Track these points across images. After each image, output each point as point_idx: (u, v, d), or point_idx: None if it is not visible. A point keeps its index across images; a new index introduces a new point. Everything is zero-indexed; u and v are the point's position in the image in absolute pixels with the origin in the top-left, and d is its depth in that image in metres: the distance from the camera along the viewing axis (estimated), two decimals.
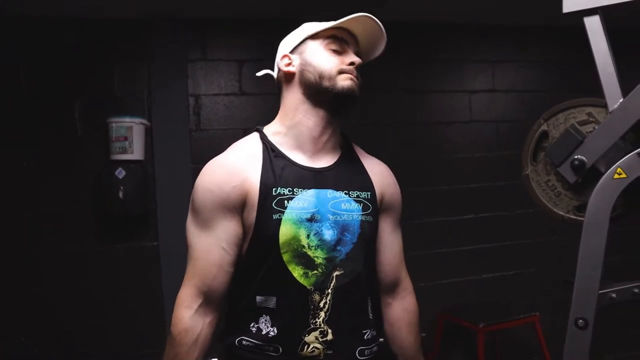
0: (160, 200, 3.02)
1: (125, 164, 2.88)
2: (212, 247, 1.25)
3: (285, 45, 1.38)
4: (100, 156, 2.94)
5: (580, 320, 1.24)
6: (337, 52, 1.31)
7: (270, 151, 1.29)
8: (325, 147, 1.34)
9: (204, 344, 1.27)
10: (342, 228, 1.28)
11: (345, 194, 1.31)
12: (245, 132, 1.38)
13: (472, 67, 3.65)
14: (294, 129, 1.32)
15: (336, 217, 1.28)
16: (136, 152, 2.90)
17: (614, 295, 1.26)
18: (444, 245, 3.47)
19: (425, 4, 3.14)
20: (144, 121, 2.96)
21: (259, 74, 1.49)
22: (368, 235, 1.33)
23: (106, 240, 3.00)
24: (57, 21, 2.94)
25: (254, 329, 1.26)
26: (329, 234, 1.27)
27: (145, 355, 2.96)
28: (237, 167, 1.27)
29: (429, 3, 3.14)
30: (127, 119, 2.88)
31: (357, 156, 1.42)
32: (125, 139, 2.86)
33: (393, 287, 1.46)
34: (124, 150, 2.87)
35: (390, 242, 1.44)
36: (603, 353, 3.41)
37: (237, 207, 1.25)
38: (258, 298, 1.26)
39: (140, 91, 3.05)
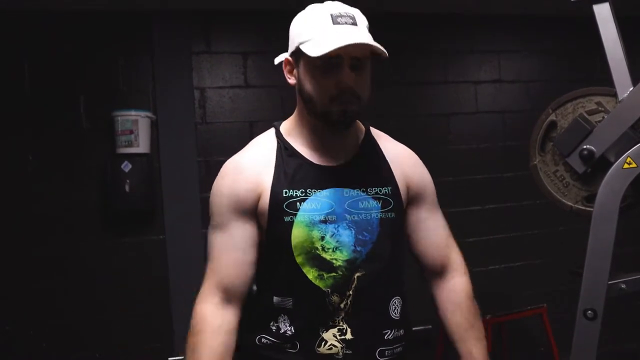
0: (166, 194, 3.02)
1: (131, 157, 2.88)
2: (228, 247, 1.25)
3: (290, 44, 1.26)
4: (105, 150, 2.94)
5: (589, 311, 1.24)
6: (328, 72, 1.18)
7: (283, 150, 1.27)
8: (340, 142, 1.30)
9: (228, 333, 1.24)
10: (360, 228, 1.25)
11: (363, 191, 1.27)
12: (251, 125, 1.37)
13: (477, 57, 3.62)
14: (306, 126, 1.29)
15: (353, 217, 1.25)
16: (142, 146, 2.90)
17: (623, 286, 1.26)
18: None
19: None
20: (150, 114, 2.96)
21: (276, 61, 1.36)
22: (390, 232, 1.29)
23: (112, 234, 3.01)
24: (60, 15, 2.93)
25: (273, 328, 1.27)
26: (346, 235, 1.24)
27: (152, 348, 2.97)
28: (250, 169, 1.26)
29: None
30: (133, 112, 2.87)
31: (378, 146, 1.36)
32: (131, 132, 2.86)
33: (441, 271, 1.41)
34: (129, 144, 2.87)
35: (430, 228, 1.39)
36: (608, 344, 3.40)
37: (251, 209, 1.25)
38: (275, 299, 1.26)
39: (145, 84, 3.05)
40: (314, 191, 1.24)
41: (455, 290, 1.40)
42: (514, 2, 3.35)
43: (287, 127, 1.33)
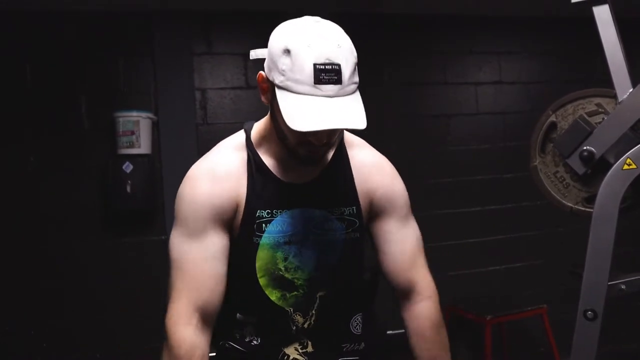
0: (167, 194, 3.02)
1: (132, 158, 2.89)
2: (204, 260, 1.16)
3: (268, 57, 1.16)
4: (107, 150, 2.95)
5: (589, 312, 1.24)
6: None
7: (253, 163, 1.21)
8: None
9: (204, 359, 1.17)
10: (324, 248, 1.23)
11: (329, 212, 1.23)
12: None
13: (477, 58, 3.63)
14: (275, 142, 1.21)
15: (317, 237, 1.22)
16: (143, 146, 2.90)
17: (623, 286, 1.26)
18: (450, 238, 3.46)
19: None
20: (151, 115, 2.97)
21: (252, 56, 1.29)
22: (353, 253, 1.27)
23: (113, 234, 3.01)
24: (62, 16, 2.94)
25: (237, 335, 1.27)
26: (307, 255, 1.22)
27: (153, 348, 2.97)
28: (227, 179, 1.19)
29: None
30: (134, 113, 2.88)
31: (347, 158, 1.28)
32: (133, 133, 2.86)
33: (406, 293, 1.32)
34: (131, 145, 2.87)
35: (396, 244, 1.30)
36: (607, 344, 3.41)
37: (228, 220, 1.19)
38: (238, 315, 1.26)
39: (146, 85, 3.06)
40: (280, 212, 1.20)
41: (419, 317, 1.30)
42: (514, 4, 3.36)
43: (257, 137, 1.25)
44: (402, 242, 1.31)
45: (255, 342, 1.26)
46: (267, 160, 1.22)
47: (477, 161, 3.56)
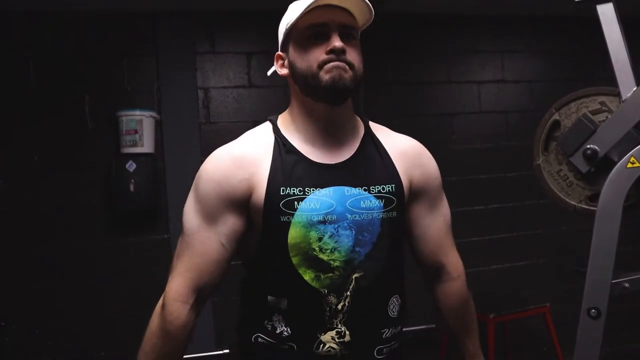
0: (170, 193, 3.03)
1: (135, 157, 2.89)
2: (212, 241, 1.20)
3: (280, 36, 1.28)
4: (110, 149, 2.95)
5: (593, 310, 1.24)
6: (317, 42, 1.17)
7: (282, 146, 1.22)
8: (339, 138, 1.25)
9: (190, 338, 1.24)
10: (360, 228, 1.20)
11: (365, 190, 1.21)
12: (255, 125, 1.34)
13: (480, 57, 3.63)
14: (303, 122, 1.24)
15: (354, 217, 1.19)
16: (146, 145, 2.91)
17: (627, 284, 1.26)
18: (453, 236, 3.46)
19: None
20: (154, 114, 2.97)
21: (269, 72, 1.38)
22: (391, 232, 1.24)
23: (116, 233, 3.02)
24: (65, 15, 2.95)
25: (268, 327, 1.22)
26: (345, 235, 1.19)
27: None
28: (246, 159, 1.20)
29: None
30: (137, 112, 2.89)
31: (379, 141, 1.30)
32: (136, 132, 2.87)
33: (436, 274, 1.39)
34: (134, 144, 2.88)
35: (427, 227, 1.34)
36: (613, 344, 3.40)
37: (243, 202, 1.19)
38: (269, 298, 1.22)
39: (149, 84, 3.06)
40: (313, 190, 1.18)
41: (450, 295, 1.40)
42: (517, 3, 3.35)
43: (283, 122, 1.28)
44: (432, 226, 1.35)
45: (286, 333, 1.20)
46: (297, 142, 1.23)
47: (480, 160, 3.56)
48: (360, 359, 1.24)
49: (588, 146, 1.33)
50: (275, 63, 1.28)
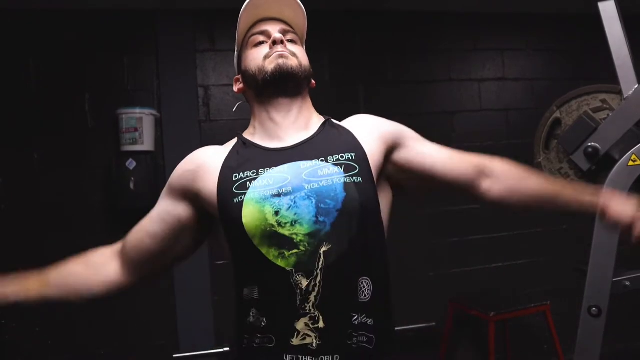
0: None
1: (135, 155, 2.89)
2: (149, 217, 1.38)
3: (235, 60, 1.47)
4: (110, 147, 2.95)
5: (594, 308, 1.24)
6: (261, 42, 1.32)
7: (242, 144, 1.28)
8: (296, 128, 1.27)
9: (96, 274, 1.50)
10: (321, 195, 1.13)
11: (322, 160, 1.18)
12: None
13: (481, 55, 3.62)
14: (262, 124, 1.30)
15: (312, 186, 1.14)
16: (146, 143, 2.91)
17: (627, 283, 1.26)
18: (454, 235, 3.46)
19: None
20: (154, 112, 2.97)
21: (234, 109, 1.61)
22: (358, 197, 1.15)
23: (116, 232, 2.95)
24: (65, 14, 2.94)
25: (248, 323, 1.19)
26: (305, 206, 1.13)
27: (156, 347, 2.98)
28: (197, 155, 1.31)
29: None
30: (138, 110, 2.88)
31: (339, 125, 1.32)
32: (136, 130, 2.87)
33: (475, 179, 1.36)
34: (134, 142, 2.88)
35: (432, 156, 1.33)
36: (615, 343, 3.41)
37: (183, 189, 1.29)
38: (245, 290, 1.18)
39: (149, 82, 3.06)
40: (267, 169, 1.18)
41: (500, 176, 1.35)
42: (517, 1, 3.35)
43: (247, 131, 1.36)
44: (435, 151, 1.35)
45: (263, 323, 1.15)
46: (254, 138, 1.30)
47: None
48: (334, 348, 1.13)
49: (589, 144, 1.33)
50: (234, 87, 1.41)
